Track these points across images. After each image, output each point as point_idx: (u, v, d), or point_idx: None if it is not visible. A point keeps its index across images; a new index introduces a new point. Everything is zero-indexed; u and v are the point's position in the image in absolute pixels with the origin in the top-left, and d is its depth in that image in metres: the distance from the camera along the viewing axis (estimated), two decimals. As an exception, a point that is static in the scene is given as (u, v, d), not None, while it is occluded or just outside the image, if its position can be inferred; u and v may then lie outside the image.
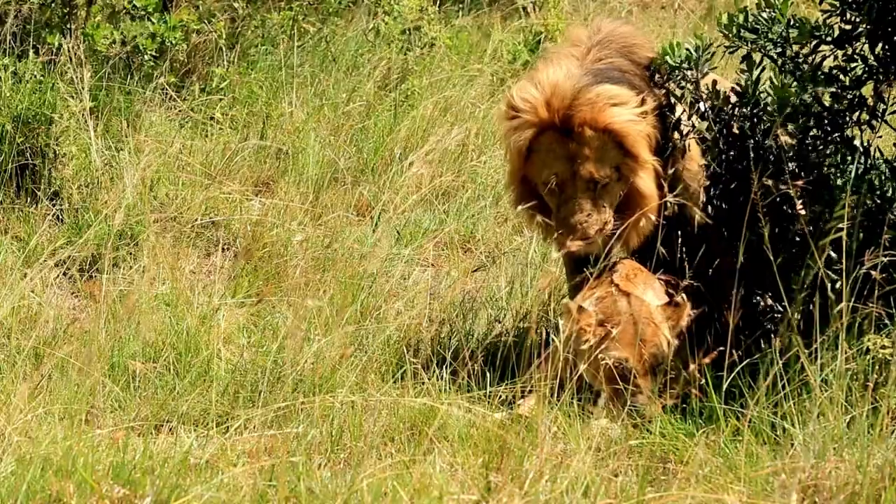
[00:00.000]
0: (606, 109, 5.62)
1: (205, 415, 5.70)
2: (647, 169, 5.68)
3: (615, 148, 5.66)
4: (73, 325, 6.47)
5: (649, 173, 5.69)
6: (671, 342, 5.58)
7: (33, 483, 4.75)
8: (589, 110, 5.61)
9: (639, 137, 5.65)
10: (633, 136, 5.64)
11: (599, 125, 5.63)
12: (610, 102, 5.64)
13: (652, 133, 5.70)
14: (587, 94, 5.63)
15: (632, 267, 5.79)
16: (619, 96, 5.65)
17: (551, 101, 5.65)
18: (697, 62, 5.72)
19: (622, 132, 5.63)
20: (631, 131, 5.64)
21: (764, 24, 5.69)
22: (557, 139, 5.67)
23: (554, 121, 5.65)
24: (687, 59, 5.72)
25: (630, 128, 5.64)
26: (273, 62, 8.25)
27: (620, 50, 5.83)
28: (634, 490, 4.83)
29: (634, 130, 5.65)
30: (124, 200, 7.06)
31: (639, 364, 5.52)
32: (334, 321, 6.38)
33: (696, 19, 9.95)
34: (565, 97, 5.64)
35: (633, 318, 5.54)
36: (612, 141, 5.65)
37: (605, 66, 5.75)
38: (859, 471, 4.72)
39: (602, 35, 5.87)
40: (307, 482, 4.80)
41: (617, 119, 5.63)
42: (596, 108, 5.62)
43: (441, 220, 7.48)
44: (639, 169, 5.67)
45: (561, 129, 5.66)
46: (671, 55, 5.75)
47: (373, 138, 7.92)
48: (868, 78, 5.71)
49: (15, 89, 7.16)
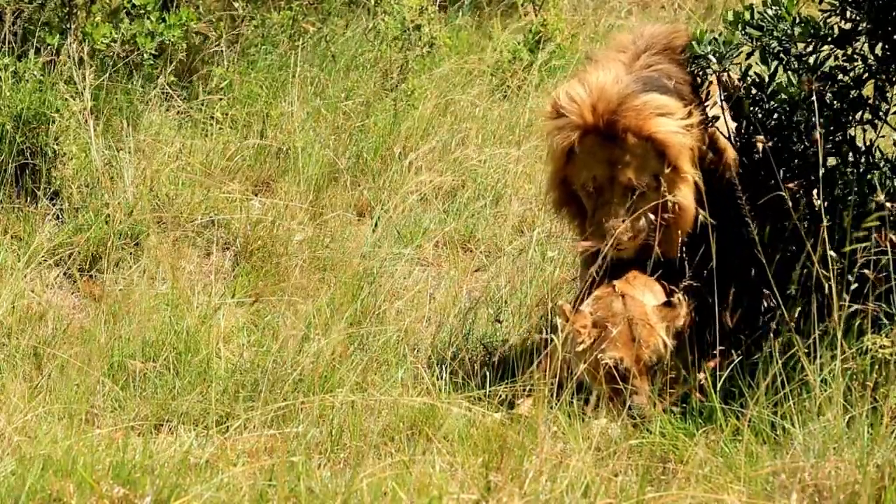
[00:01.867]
0: (652, 118, 5.61)
1: (205, 414, 5.70)
2: (687, 182, 5.66)
3: (656, 157, 5.63)
4: (73, 325, 6.47)
5: (689, 186, 5.66)
6: (668, 343, 5.57)
7: (33, 483, 4.75)
8: (634, 117, 5.60)
9: (682, 149, 5.63)
10: (676, 147, 5.62)
11: (643, 133, 5.61)
12: (656, 112, 5.62)
13: (695, 146, 5.68)
14: (634, 100, 5.62)
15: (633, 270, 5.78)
16: (665, 106, 5.64)
17: (597, 104, 5.63)
18: (723, 56, 5.70)
19: (665, 143, 5.61)
20: (674, 143, 5.62)
21: (769, 21, 5.68)
22: (599, 143, 5.66)
23: (598, 124, 5.63)
24: (713, 51, 5.70)
25: (674, 139, 5.62)
26: (273, 62, 8.24)
27: (665, 53, 5.80)
28: (634, 490, 4.83)
29: (678, 142, 5.62)
30: (124, 200, 7.05)
31: (634, 365, 5.52)
32: (334, 321, 6.38)
33: (697, 19, 9.95)
34: (611, 101, 5.62)
35: (628, 318, 5.54)
36: (654, 150, 5.63)
37: (655, 74, 5.72)
38: (859, 471, 4.71)
39: (646, 40, 5.84)
40: (307, 482, 4.80)
41: (661, 129, 5.61)
42: (641, 115, 5.60)
43: (441, 220, 7.48)
44: (679, 181, 5.65)
45: (604, 134, 5.64)
46: (697, 45, 5.72)
47: (373, 138, 7.92)
48: (868, 77, 5.71)
49: (15, 89, 7.15)
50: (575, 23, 9.53)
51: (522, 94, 8.72)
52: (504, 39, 9.08)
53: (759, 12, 5.71)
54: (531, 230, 7.29)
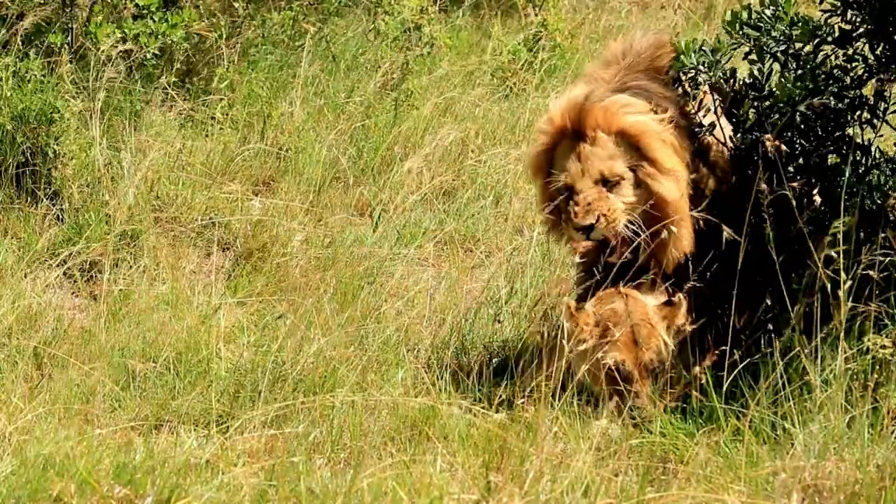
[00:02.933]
0: (620, 113, 5.64)
1: (205, 415, 5.70)
2: (669, 175, 5.65)
3: (630, 150, 5.65)
4: (73, 325, 6.47)
5: (672, 180, 5.65)
6: (669, 343, 5.57)
7: (33, 483, 4.75)
8: (602, 113, 5.63)
9: (656, 140, 5.63)
10: (648, 136, 5.63)
11: (613, 128, 5.64)
12: (624, 107, 5.66)
13: (675, 142, 5.69)
14: (599, 100, 5.67)
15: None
16: (633, 104, 5.67)
17: (566, 110, 5.70)
18: (713, 64, 5.71)
19: (637, 133, 5.63)
20: (646, 131, 5.63)
21: (767, 21, 5.68)
22: (571, 145, 5.70)
23: (566, 125, 5.68)
24: (702, 61, 5.72)
25: (645, 128, 5.64)
26: (273, 62, 8.24)
27: (647, 72, 5.83)
28: (634, 490, 4.84)
29: (649, 131, 5.63)
30: (125, 200, 7.05)
31: (636, 366, 5.53)
32: (335, 321, 6.38)
33: (696, 19, 9.95)
34: (578, 103, 5.68)
35: (630, 319, 5.54)
36: (626, 143, 5.65)
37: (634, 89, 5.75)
38: (859, 471, 4.72)
39: (631, 57, 5.87)
40: (307, 482, 4.80)
41: (630, 120, 5.64)
42: (609, 111, 5.64)
43: (441, 220, 7.48)
44: (659, 175, 5.64)
45: (575, 134, 5.68)
46: (685, 56, 5.73)
47: (373, 138, 7.92)
48: (869, 77, 5.71)
49: (17, 89, 7.15)
50: (575, 23, 9.52)
51: (522, 95, 8.73)
52: (504, 39, 9.08)
53: (756, 13, 5.71)
54: (531, 230, 7.29)
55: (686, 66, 5.72)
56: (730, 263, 5.61)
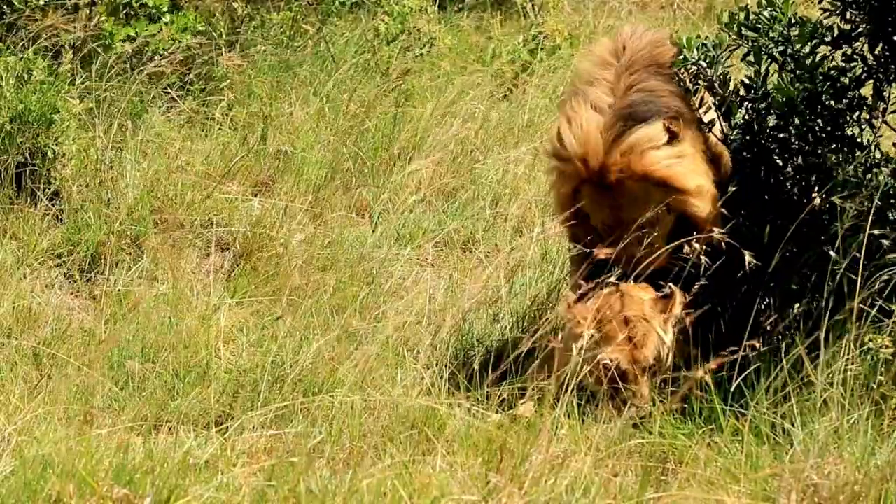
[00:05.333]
0: (643, 157, 5.56)
1: (204, 415, 5.70)
2: (697, 195, 5.63)
3: (659, 189, 5.60)
4: (73, 326, 6.47)
5: (702, 197, 5.64)
6: (666, 341, 5.57)
7: (33, 483, 4.75)
8: (626, 163, 5.57)
9: (678, 171, 5.59)
10: (672, 176, 5.58)
11: (637, 174, 5.58)
12: (646, 148, 5.57)
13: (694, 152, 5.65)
14: (621, 145, 5.58)
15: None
16: (653, 139, 5.58)
17: (588, 157, 5.59)
18: (714, 60, 5.70)
19: (664, 177, 5.58)
20: (669, 175, 5.58)
21: (765, 22, 5.68)
22: (598, 190, 5.63)
23: (592, 177, 5.61)
24: (704, 56, 5.71)
25: (667, 171, 5.58)
26: (273, 62, 8.24)
27: (650, 69, 5.78)
28: (634, 490, 4.84)
29: (672, 170, 5.58)
30: (125, 200, 7.05)
31: (633, 365, 5.53)
32: (335, 321, 6.39)
33: (696, 19, 9.95)
34: (599, 151, 5.59)
35: (626, 317, 5.54)
36: (654, 184, 5.60)
37: (639, 96, 5.68)
38: (859, 471, 4.72)
39: (630, 55, 5.81)
40: (307, 482, 4.80)
41: (654, 165, 5.57)
42: (631, 158, 5.56)
43: (441, 220, 7.48)
44: (690, 198, 5.62)
45: (600, 183, 5.62)
46: (688, 50, 5.72)
47: (373, 138, 7.92)
48: (868, 78, 5.71)
49: (17, 89, 7.15)
50: (574, 23, 9.52)
51: (522, 95, 8.73)
52: (504, 40, 9.08)
53: (754, 13, 5.71)
54: (531, 230, 7.29)
55: (689, 61, 5.71)
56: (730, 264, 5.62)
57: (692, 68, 5.72)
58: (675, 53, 5.77)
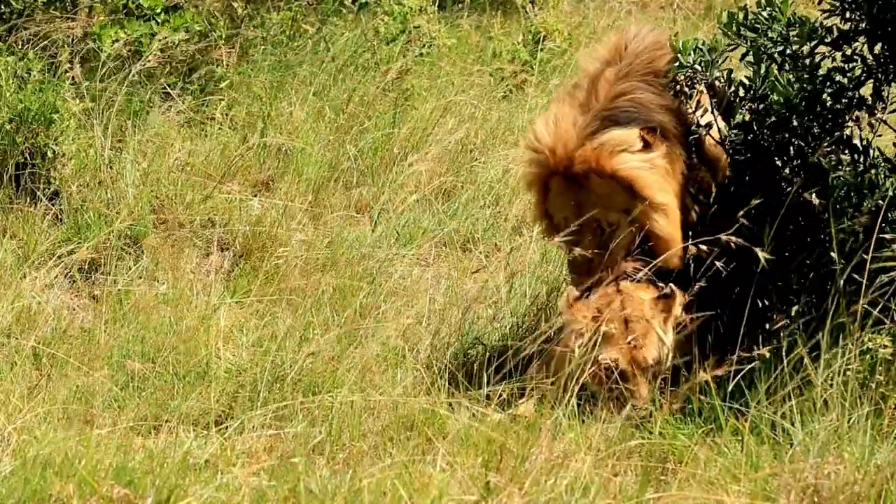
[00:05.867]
0: (612, 156, 5.61)
1: (204, 415, 5.70)
2: (663, 212, 5.66)
3: (624, 193, 5.64)
4: (73, 326, 6.47)
5: (667, 216, 5.66)
6: (665, 341, 5.57)
7: (33, 483, 4.76)
8: (594, 159, 5.61)
9: (646, 180, 5.62)
10: (641, 179, 5.62)
11: (605, 172, 5.62)
12: (616, 149, 5.62)
13: (666, 170, 5.68)
14: (591, 142, 5.62)
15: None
16: (624, 142, 5.63)
17: (557, 148, 5.66)
18: (710, 64, 5.71)
19: (629, 177, 5.61)
20: (639, 176, 5.62)
21: (764, 22, 5.69)
22: (565, 185, 5.69)
23: (559, 169, 5.67)
24: (699, 60, 5.72)
25: (637, 172, 5.62)
26: (273, 62, 8.24)
27: (645, 78, 5.79)
28: (634, 490, 4.84)
29: (641, 174, 5.62)
30: (125, 200, 7.05)
31: (632, 366, 5.53)
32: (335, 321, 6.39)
33: (696, 19, 9.95)
34: (569, 145, 5.64)
35: (625, 318, 5.55)
36: (620, 186, 5.63)
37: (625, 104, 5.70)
38: (859, 471, 4.72)
39: (630, 58, 5.83)
40: (307, 482, 4.80)
41: (622, 165, 5.61)
42: (601, 156, 5.61)
43: (441, 220, 7.48)
44: (654, 213, 5.64)
45: (568, 177, 5.67)
46: (683, 55, 5.73)
47: (373, 138, 7.92)
48: (867, 78, 5.71)
49: (17, 89, 7.15)
50: (574, 23, 9.53)
51: (522, 95, 8.73)
52: (504, 39, 9.08)
53: (753, 13, 5.72)
54: (530, 230, 7.29)
55: (684, 64, 5.73)
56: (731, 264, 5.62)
57: (687, 72, 5.73)
58: (671, 59, 5.78)
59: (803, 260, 5.64)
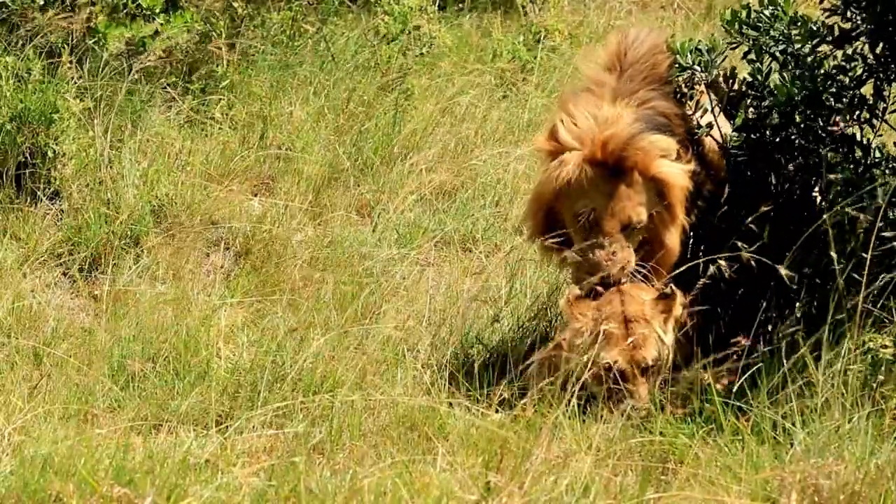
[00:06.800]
0: (658, 158, 5.68)
1: (204, 415, 5.70)
2: (677, 225, 5.74)
3: (656, 197, 5.70)
4: (73, 325, 6.47)
5: (678, 229, 5.75)
6: (664, 340, 5.57)
7: (33, 483, 4.75)
8: (643, 156, 5.65)
9: (681, 191, 5.71)
10: (677, 188, 5.70)
11: (649, 172, 5.67)
12: (662, 153, 5.68)
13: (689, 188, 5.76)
14: (642, 140, 5.67)
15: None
16: (669, 149, 5.70)
17: (608, 140, 5.67)
18: (709, 64, 5.72)
19: (668, 182, 5.69)
20: (676, 184, 5.70)
21: (766, 21, 5.69)
22: (604, 177, 5.70)
23: (607, 160, 5.68)
24: (698, 60, 5.73)
25: (676, 180, 5.70)
26: (273, 62, 8.24)
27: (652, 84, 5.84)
28: (634, 490, 4.83)
29: (679, 183, 5.70)
30: (125, 200, 7.05)
31: (632, 366, 5.52)
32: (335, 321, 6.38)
33: (696, 18, 9.95)
34: (621, 138, 5.67)
35: (625, 318, 5.55)
36: (655, 189, 5.69)
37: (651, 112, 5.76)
38: (860, 471, 4.72)
39: (630, 61, 5.85)
40: (307, 482, 4.80)
41: (666, 170, 5.68)
42: (649, 155, 5.66)
43: (441, 220, 7.48)
44: (671, 223, 5.73)
45: (611, 169, 5.69)
46: (682, 56, 5.74)
47: (373, 138, 7.92)
48: (868, 77, 5.71)
49: (17, 89, 7.15)
50: (574, 23, 9.52)
51: (522, 94, 8.72)
52: (504, 39, 9.08)
53: (755, 12, 5.72)
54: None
55: (683, 65, 5.73)
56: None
57: (686, 73, 5.74)
58: (672, 62, 5.80)
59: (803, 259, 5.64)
